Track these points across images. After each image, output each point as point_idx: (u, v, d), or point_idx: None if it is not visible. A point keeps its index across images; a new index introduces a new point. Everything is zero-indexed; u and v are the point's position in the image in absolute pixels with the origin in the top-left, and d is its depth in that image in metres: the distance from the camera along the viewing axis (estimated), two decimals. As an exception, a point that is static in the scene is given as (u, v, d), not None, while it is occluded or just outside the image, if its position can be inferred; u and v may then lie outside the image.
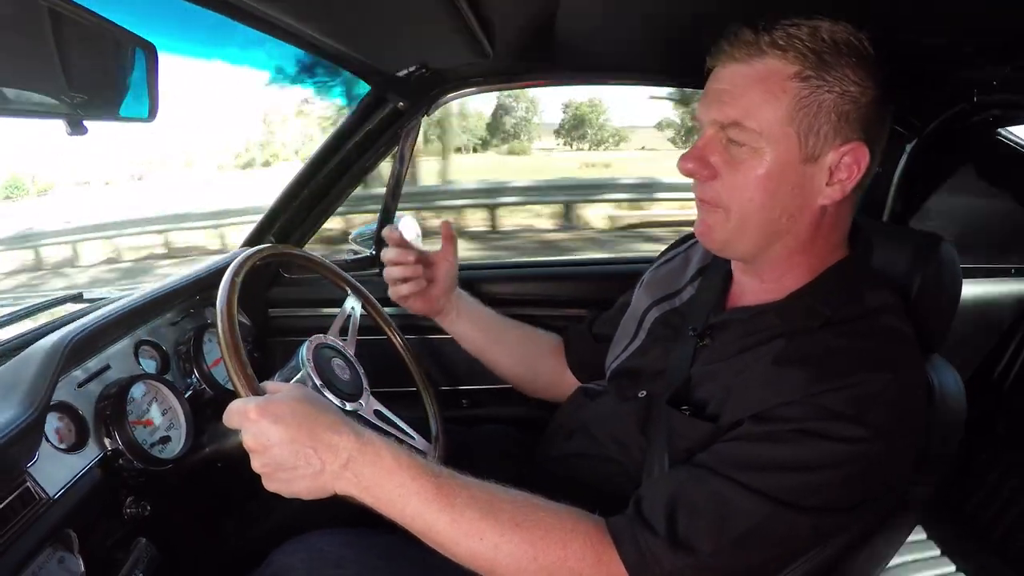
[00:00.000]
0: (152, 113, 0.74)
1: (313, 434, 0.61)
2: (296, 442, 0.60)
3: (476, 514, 0.60)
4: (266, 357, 1.15)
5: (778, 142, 0.65)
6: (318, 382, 0.79)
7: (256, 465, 0.62)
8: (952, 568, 1.18)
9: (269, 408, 0.62)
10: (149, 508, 0.81)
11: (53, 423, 0.75)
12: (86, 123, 0.62)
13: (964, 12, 0.73)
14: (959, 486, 1.32)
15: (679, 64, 1.07)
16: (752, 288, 0.77)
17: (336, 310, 0.94)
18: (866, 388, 0.61)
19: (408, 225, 1.20)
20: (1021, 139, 1.19)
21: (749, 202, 0.68)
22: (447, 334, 1.07)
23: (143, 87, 0.73)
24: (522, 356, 1.06)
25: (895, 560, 1.16)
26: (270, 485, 0.63)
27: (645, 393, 0.80)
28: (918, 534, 1.24)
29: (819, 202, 0.68)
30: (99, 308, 0.93)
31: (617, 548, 0.61)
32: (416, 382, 0.97)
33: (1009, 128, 1.16)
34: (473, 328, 1.06)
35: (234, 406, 0.64)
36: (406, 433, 0.86)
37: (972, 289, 0.86)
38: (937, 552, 1.21)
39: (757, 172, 0.67)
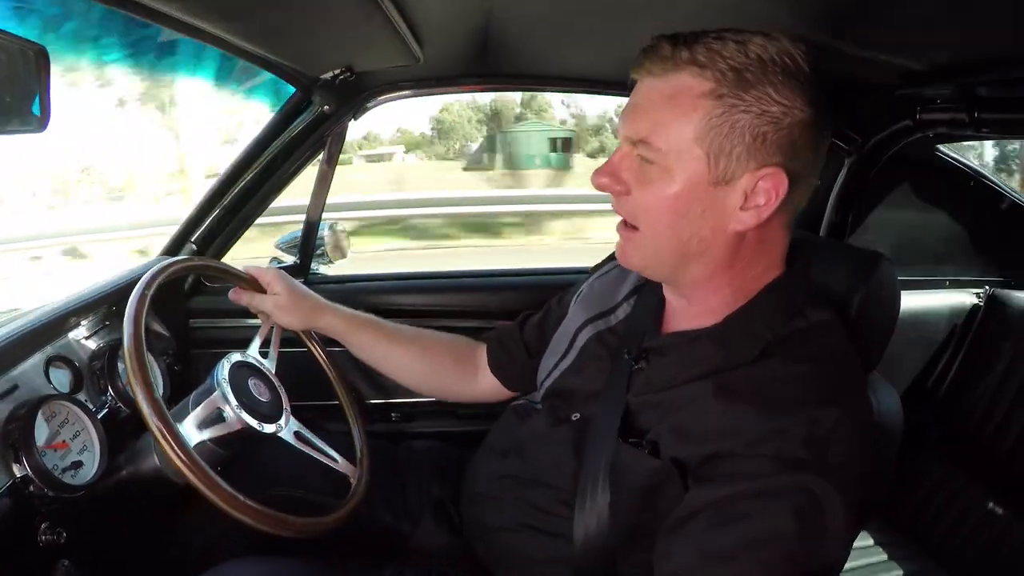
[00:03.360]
0: (43, 122, 0.70)
1: None
2: None
3: None
4: (188, 370, 1.17)
5: (686, 163, 0.65)
6: (235, 404, 0.83)
7: None
8: (900, 572, 1.25)
9: None
10: (65, 535, 0.81)
11: None
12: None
13: (910, 30, 0.76)
14: (897, 493, 1.40)
15: (611, 73, 1.10)
16: (683, 311, 0.77)
17: (259, 320, 0.97)
18: (818, 428, 0.62)
19: (336, 232, 1.22)
20: (957, 155, 1.26)
21: (657, 223, 0.69)
22: None
23: (33, 94, 0.69)
24: (419, 353, 1.03)
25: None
26: None
27: (579, 416, 0.81)
28: (864, 540, 1.32)
29: (732, 227, 0.67)
30: (7, 324, 0.93)
31: None
32: (339, 399, 1.00)
33: (947, 145, 1.23)
34: (353, 327, 1.02)
35: None
36: (328, 456, 0.90)
37: (907, 301, 0.92)
38: (884, 557, 1.28)
39: (665, 192, 0.67)
